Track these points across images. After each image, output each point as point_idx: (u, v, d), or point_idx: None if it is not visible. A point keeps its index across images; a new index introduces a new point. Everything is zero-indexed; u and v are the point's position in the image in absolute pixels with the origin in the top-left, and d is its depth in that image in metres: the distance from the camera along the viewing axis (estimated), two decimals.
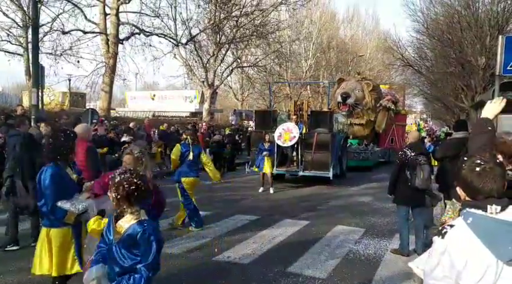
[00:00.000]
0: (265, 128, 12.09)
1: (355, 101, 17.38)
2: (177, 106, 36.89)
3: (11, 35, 17.40)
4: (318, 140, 11.53)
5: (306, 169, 11.64)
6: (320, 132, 11.73)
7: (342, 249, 5.83)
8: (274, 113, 13.56)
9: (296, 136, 11.29)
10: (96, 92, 21.07)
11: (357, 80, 18.48)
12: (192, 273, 4.75)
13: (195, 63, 24.32)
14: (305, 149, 11.70)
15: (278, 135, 11.42)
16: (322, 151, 11.48)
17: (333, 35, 37.70)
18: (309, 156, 11.60)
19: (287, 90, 32.50)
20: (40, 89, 10.40)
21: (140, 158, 3.54)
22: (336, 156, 12.19)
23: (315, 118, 12.40)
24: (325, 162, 11.48)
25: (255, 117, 13.79)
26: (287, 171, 12.17)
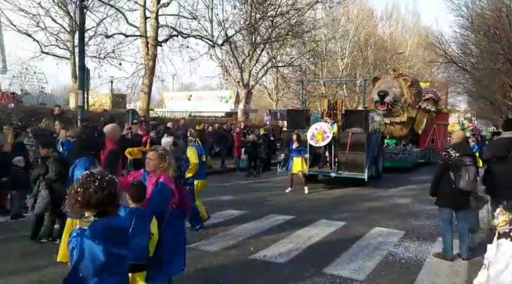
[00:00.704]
0: (297, 128, 11.89)
1: (393, 98, 16.68)
2: (213, 106, 37.40)
3: (59, 40, 18.34)
4: (353, 140, 11.24)
5: (340, 170, 11.33)
6: (355, 131, 11.46)
7: (381, 251, 5.70)
8: (307, 112, 13.31)
9: (330, 136, 11.08)
10: (136, 93, 21.77)
11: (394, 77, 17.68)
12: (228, 271, 4.81)
13: (231, 64, 24.58)
14: (339, 149, 11.45)
15: (311, 135, 11.23)
16: (357, 151, 11.18)
17: (371, 33, 36.90)
18: (343, 156, 11.32)
19: (322, 90, 32.18)
20: (85, 91, 10.89)
21: (164, 156, 3.61)
22: (371, 157, 11.84)
23: (349, 118, 12.11)
24: (360, 163, 11.16)
25: (287, 117, 13.56)
26: (320, 172, 11.94)
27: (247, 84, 24.55)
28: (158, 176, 3.55)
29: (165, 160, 3.59)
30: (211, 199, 9.19)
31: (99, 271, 2.08)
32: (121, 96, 32.52)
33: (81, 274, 2.06)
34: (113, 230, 2.20)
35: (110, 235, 2.16)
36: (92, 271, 2.07)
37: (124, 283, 2.36)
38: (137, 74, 20.24)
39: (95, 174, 2.20)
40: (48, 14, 17.81)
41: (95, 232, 2.10)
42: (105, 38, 18.95)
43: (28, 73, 39.98)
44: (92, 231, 2.09)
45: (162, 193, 3.49)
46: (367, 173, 11.10)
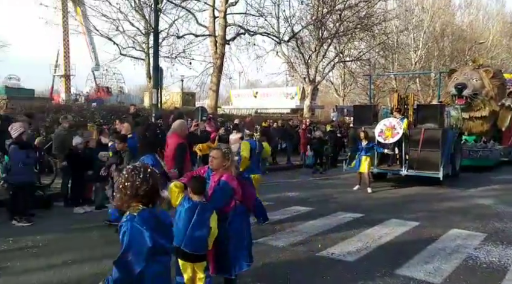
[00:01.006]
0: (364, 124, 11.38)
1: (472, 91, 15.37)
2: (278, 102, 37.51)
3: (135, 42, 19.62)
4: (426, 136, 10.56)
5: (411, 168, 10.68)
6: (428, 127, 10.74)
7: (459, 254, 5.33)
8: (374, 108, 12.75)
9: (400, 133, 10.49)
10: (205, 91, 22.58)
11: (473, 68, 16.28)
12: (296, 267, 4.80)
13: (297, 60, 24.46)
14: (410, 146, 10.80)
15: (379, 131, 10.74)
16: (431, 148, 10.49)
17: (448, 22, 34.57)
18: (415, 154, 10.66)
19: (393, 84, 30.81)
20: (159, 90, 11.52)
21: (227, 154, 3.69)
22: (447, 155, 11.08)
23: (422, 113, 11.34)
24: (434, 161, 10.44)
25: (354, 112, 13.05)
26: (389, 170, 11.40)
27: (313, 80, 24.28)
28: (221, 174, 3.65)
29: (228, 159, 3.68)
30: (277, 196, 9.29)
31: (146, 256, 2.21)
32: (190, 95, 33.87)
33: (130, 257, 2.17)
34: (159, 221, 2.33)
35: (156, 224, 2.29)
36: (140, 255, 2.19)
37: (166, 274, 2.45)
38: (206, 73, 21.00)
39: (137, 167, 2.35)
40: (126, 18, 19.14)
41: (143, 218, 2.23)
42: (177, 39, 19.89)
43: (108, 74, 43.25)
44: (141, 218, 2.23)
45: (224, 191, 3.61)
46: (442, 172, 10.32)
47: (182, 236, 3.33)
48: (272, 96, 39.66)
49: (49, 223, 6.24)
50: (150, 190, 2.30)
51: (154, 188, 2.34)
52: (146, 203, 2.30)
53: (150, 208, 2.31)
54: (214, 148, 3.78)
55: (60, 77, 38.34)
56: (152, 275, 2.26)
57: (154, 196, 2.35)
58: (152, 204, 2.34)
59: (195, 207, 3.37)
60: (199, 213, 3.37)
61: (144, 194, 2.28)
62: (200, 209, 3.38)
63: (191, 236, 3.34)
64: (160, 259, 2.35)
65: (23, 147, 6.51)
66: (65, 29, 33.56)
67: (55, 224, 6.45)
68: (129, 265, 2.17)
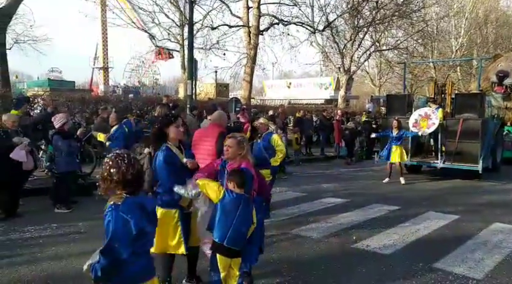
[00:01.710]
0: (398, 114, 11.05)
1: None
2: (312, 93, 37.18)
3: (170, 34, 19.93)
4: (464, 127, 10.08)
5: (448, 161, 10.24)
6: (467, 117, 10.21)
7: (502, 249, 5.13)
8: (409, 97, 12.18)
9: (436, 123, 10.09)
10: (239, 81, 22.64)
11: None
12: (331, 258, 4.77)
13: (332, 49, 24.03)
14: (447, 138, 10.34)
15: (414, 121, 10.36)
16: (470, 140, 10.00)
17: (492, 8, 32.81)
18: (452, 145, 10.21)
19: (432, 73, 29.68)
20: (193, 81, 11.67)
21: (242, 142, 3.59)
22: (487, 146, 10.59)
23: (461, 102, 10.71)
24: (473, 153, 9.97)
25: (387, 102, 12.55)
26: (423, 162, 10.98)
27: (348, 70, 23.80)
28: (239, 163, 3.54)
29: (243, 147, 3.58)
30: (310, 187, 9.25)
31: (131, 244, 2.26)
32: (224, 86, 34.14)
33: (116, 245, 2.22)
34: (143, 208, 2.36)
35: (141, 212, 2.32)
36: (125, 243, 2.24)
37: (150, 267, 2.50)
38: (240, 63, 21.00)
39: (121, 154, 2.37)
40: (162, 10, 19.44)
41: (128, 207, 2.27)
42: (211, 30, 20.00)
43: (144, 66, 44.29)
44: (126, 206, 2.26)
45: (249, 179, 3.47)
46: (481, 165, 9.88)
47: (226, 230, 3.27)
48: (305, 87, 39.35)
49: (90, 210, 6.49)
50: (136, 175, 2.34)
51: (139, 173, 2.39)
52: (131, 191, 2.34)
53: (134, 196, 2.34)
54: (228, 137, 3.65)
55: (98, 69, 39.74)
56: (134, 260, 2.31)
57: (140, 183, 2.40)
58: (137, 191, 2.38)
59: (239, 201, 3.31)
60: (244, 207, 3.32)
61: (132, 178, 2.31)
62: (244, 203, 3.32)
63: (235, 230, 3.28)
64: (145, 248, 2.42)
65: (66, 137, 6.77)
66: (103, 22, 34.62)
67: (96, 211, 6.64)
68: (115, 253, 2.22)
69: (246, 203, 3.34)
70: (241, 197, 3.32)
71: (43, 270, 4.26)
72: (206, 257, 3.66)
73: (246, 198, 3.35)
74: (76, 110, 12.29)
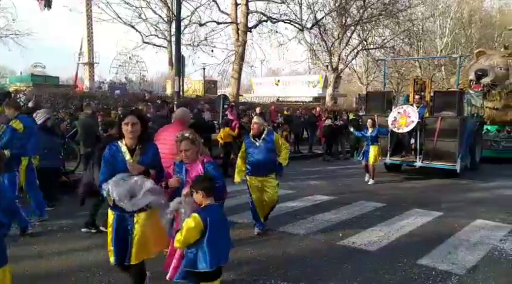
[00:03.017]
0: (377, 111, 10.75)
1: (492, 81, 14.37)
2: (300, 91, 37.23)
3: (158, 30, 19.77)
4: (443, 125, 9.84)
5: (426, 159, 10.05)
6: (445, 115, 9.93)
7: (484, 245, 5.23)
8: (389, 94, 11.83)
9: (415, 121, 9.78)
10: (227, 79, 22.57)
11: (502, 56, 15.20)
12: (317, 255, 4.81)
13: (320, 47, 24.17)
14: (426, 136, 10.12)
15: (393, 119, 10.03)
16: (448, 138, 9.80)
17: (476, 8, 33.34)
18: (430, 144, 9.99)
19: (418, 72, 30.05)
20: (181, 78, 11.59)
21: (195, 140, 3.36)
22: (465, 145, 10.45)
23: (439, 100, 10.38)
24: (451, 151, 9.79)
25: (367, 99, 12.12)
26: (403, 161, 10.72)
27: (336, 68, 23.97)
28: (201, 160, 3.33)
29: (198, 144, 3.37)
30: (297, 184, 9.30)
31: None
32: (212, 83, 33.98)
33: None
34: None
35: None
36: None
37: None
38: (228, 60, 20.97)
39: None
40: (149, 5, 19.25)
41: None
42: (199, 27, 19.90)
43: (131, 62, 43.76)
44: None
45: (219, 173, 3.28)
46: (459, 164, 9.72)
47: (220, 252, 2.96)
48: (293, 85, 39.38)
49: (73, 208, 6.41)
50: None
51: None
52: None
53: None
54: (181, 140, 3.32)
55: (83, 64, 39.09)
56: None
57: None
58: None
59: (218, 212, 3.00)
60: (224, 217, 3.07)
61: None
62: (222, 213, 3.06)
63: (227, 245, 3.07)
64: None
65: (48, 133, 6.64)
66: (89, 17, 34.08)
67: (79, 209, 6.63)
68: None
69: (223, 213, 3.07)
70: (217, 209, 2.99)
71: (26, 268, 4.19)
72: None
73: (220, 207, 3.07)
74: (60, 106, 12.08)
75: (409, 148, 10.74)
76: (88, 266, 4.27)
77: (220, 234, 2.94)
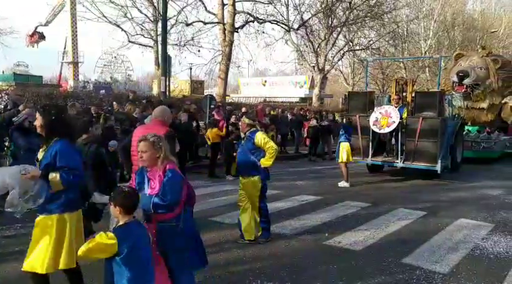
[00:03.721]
0: (359, 112, 10.66)
1: (474, 81, 14.52)
2: (287, 91, 37.41)
3: (144, 30, 19.59)
4: (423, 126, 9.77)
5: (407, 160, 9.96)
6: (426, 116, 9.88)
7: (466, 244, 5.33)
8: (370, 95, 11.64)
9: (396, 122, 9.74)
10: (214, 79, 22.53)
11: (481, 56, 15.24)
12: (302, 255, 4.82)
13: (306, 48, 24.31)
14: (407, 137, 10.04)
15: (374, 119, 9.97)
16: (429, 139, 9.75)
17: (459, 11, 34.00)
18: (411, 145, 9.90)
19: (402, 73, 30.47)
20: (167, 78, 11.52)
21: (157, 143, 2.96)
22: (446, 146, 10.36)
23: (421, 100, 10.32)
24: (431, 152, 9.70)
25: (348, 99, 11.91)
26: (384, 161, 10.62)
27: (323, 69, 24.13)
28: (164, 167, 2.93)
29: (160, 147, 2.94)
30: (284, 184, 9.31)
31: None
32: (199, 83, 33.87)
33: None
34: None
35: None
36: None
37: None
38: (215, 61, 20.93)
39: None
40: (134, 5, 19.07)
41: None
42: (186, 26, 19.81)
43: (116, 62, 43.29)
44: None
45: (174, 181, 2.88)
46: (440, 165, 9.63)
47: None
48: (280, 85, 39.54)
49: None
50: None
51: None
52: None
53: None
54: (140, 140, 3.00)
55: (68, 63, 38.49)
56: None
57: None
58: None
59: (143, 235, 2.65)
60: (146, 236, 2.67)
61: None
62: (145, 232, 2.66)
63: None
64: None
65: (26, 133, 6.45)
66: (73, 15, 33.61)
67: None
68: None
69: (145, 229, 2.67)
70: (138, 228, 2.62)
71: (8, 272, 4.10)
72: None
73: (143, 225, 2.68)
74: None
75: (390, 148, 10.67)
76: None
77: (141, 257, 2.58)
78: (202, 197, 7.75)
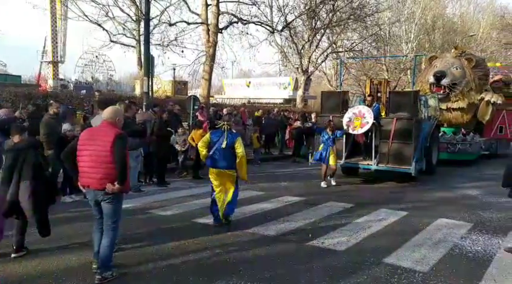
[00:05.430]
0: (332, 112, 10.42)
1: (452, 81, 14.39)
2: (271, 92, 37.51)
3: (126, 29, 19.33)
4: (397, 127, 9.54)
5: (381, 162, 9.69)
6: (400, 116, 9.65)
7: (446, 243, 5.44)
8: (343, 94, 11.30)
9: (370, 122, 9.44)
10: (197, 79, 22.45)
11: (455, 56, 15.22)
12: (287, 256, 4.85)
13: (290, 50, 24.44)
14: (381, 138, 9.77)
15: (347, 120, 9.69)
16: (403, 141, 9.52)
17: (439, 15, 34.69)
18: (386, 146, 9.64)
19: (385, 75, 30.93)
20: (150, 78, 11.40)
21: None
22: (421, 148, 10.15)
23: (395, 100, 10.04)
24: (405, 154, 9.48)
25: (321, 99, 11.51)
26: (357, 163, 10.33)
27: (306, 70, 24.31)
28: None
29: None
30: (268, 185, 9.35)
31: None
32: (183, 83, 33.67)
33: None
34: None
35: None
36: None
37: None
38: (199, 61, 20.85)
39: None
40: (116, 4, 18.80)
41: None
42: (169, 26, 19.66)
43: (98, 61, 42.68)
44: None
45: None
46: (415, 167, 9.41)
47: None
48: (265, 86, 39.61)
49: None
50: None
51: None
52: None
53: None
54: None
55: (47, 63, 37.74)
56: None
57: None
58: None
59: None
60: None
61: None
62: None
63: None
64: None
65: (2, 134, 6.30)
66: (53, 14, 33.00)
67: None
68: None
69: None
70: None
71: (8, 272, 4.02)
72: None
73: None
74: (21, 106, 11.61)
75: (365, 150, 10.39)
76: (54, 270, 4.14)
77: None
78: (186, 199, 7.74)
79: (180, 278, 4.09)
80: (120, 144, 3.85)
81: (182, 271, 4.26)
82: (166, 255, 4.68)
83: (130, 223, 5.86)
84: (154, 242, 5.10)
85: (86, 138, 4.01)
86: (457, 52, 15.53)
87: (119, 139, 3.85)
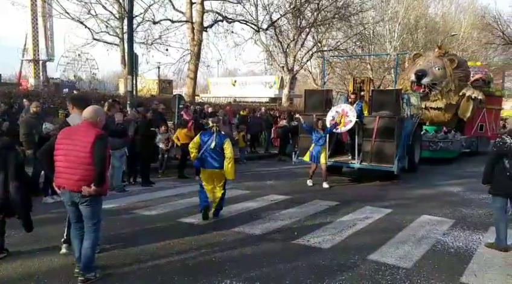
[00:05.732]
0: (315, 111, 10.41)
1: (432, 80, 14.62)
2: (257, 91, 37.53)
3: (109, 27, 19.02)
4: (380, 125, 9.57)
5: (364, 161, 9.70)
6: (382, 115, 9.68)
7: (428, 239, 5.54)
8: (327, 93, 11.29)
9: (353, 121, 9.41)
10: (182, 78, 22.29)
11: (438, 56, 15.40)
12: (273, 254, 4.86)
13: (276, 49, 24.47)
14: (364, 136, 9.77)
15: (331, 118, 9.65)
16: (385, 139, 9.53)
17: (422, 14, 35.19)
18: (369, 145, 9.64)
19: (369, 74, 31.25)
20: (134, 77, 11.28)
21: None
22: (403, 146, 10.25)
23: (378, 99, 10.04)
24: (388, 153, 9.48)
25: (304, 97, 11.52)
26: (341, 162, 10.34)
27: (292, 69, 24.37)
28: None
29: None
30: (254, 184, 9.36)
31: None
32: (167, 82, 33.43)
33: None
34: None
35: None
36: None
37: None
38: (183, 60, 20.69)
39: None
40: (99, 1, 18.47)
41: None
42: (153, 25, 19.44)
43: (80, 60, 41.98)
44: None
45: None
46: (397, 165, 9.45)
47: None
48: (250, 85, 39.60)
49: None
50: None
51: None
52: None
53: None
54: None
55: (28, 61, 37.00)
56: None
57: None
58: None
59: None
60: None
61: None
62: None
63: None
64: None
65: None
66: (34, 11, 32.37)
67: None
68: None
69: None
70: None
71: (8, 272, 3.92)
72: None
73: None
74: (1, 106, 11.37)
75: (349, 148, 10.41)
76: (35, 272, 4.06)
77: None
78: (171, 198, 7.68)
79: (165, 278, 4.06)
80: (100, 144, 3.74)
81: (167, 271, 4.23)
82: (151, 256, 4.64)
83: (114, 223, 5.80)
84: (139, 242, 5.06)
85: (63, 137, 3.90)
86: (440, 52, 15.72)
87: (99, 140, 3.74)
